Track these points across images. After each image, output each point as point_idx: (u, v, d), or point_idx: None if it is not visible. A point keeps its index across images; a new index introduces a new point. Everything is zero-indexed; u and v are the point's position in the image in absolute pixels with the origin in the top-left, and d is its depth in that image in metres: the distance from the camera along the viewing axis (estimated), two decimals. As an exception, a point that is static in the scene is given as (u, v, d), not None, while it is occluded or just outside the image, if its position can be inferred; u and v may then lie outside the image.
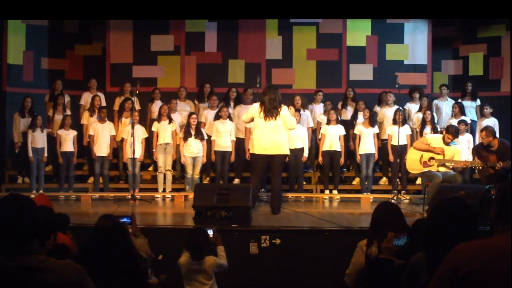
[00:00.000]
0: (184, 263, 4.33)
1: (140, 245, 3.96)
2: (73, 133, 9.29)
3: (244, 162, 9.14)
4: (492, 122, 9.27)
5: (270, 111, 6.99)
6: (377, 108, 9.80)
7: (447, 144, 7.43)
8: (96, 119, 9.33)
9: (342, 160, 9.07)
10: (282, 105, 7.15)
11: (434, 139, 7.61)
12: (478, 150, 7.63)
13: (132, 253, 3.04)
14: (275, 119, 7.00)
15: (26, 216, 2.20)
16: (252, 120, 7.25)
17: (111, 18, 10.26)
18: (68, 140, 9.18)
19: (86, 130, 9.48)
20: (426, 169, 7.44)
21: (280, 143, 7.09)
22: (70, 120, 9.31)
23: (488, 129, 7.56)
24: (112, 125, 9.35)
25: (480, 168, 7.46)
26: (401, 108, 9.12)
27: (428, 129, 9.06)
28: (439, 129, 9.06)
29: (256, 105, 7.18)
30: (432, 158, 7.43)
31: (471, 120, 9.56)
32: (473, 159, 7.52)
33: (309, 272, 5.87)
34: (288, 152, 7.38)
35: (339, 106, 9.92)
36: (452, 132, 7.45)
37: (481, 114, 9.62)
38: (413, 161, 7.57)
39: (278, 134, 7.06)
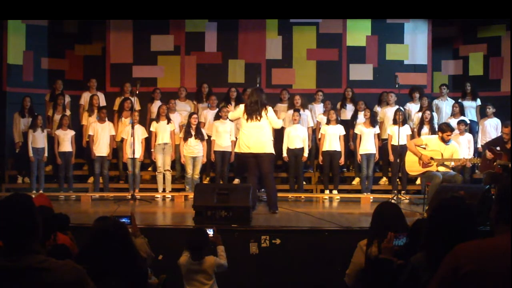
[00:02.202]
0: (184, 263, 4.33)
1: (140, 245, 3.95)
2: (71, 133, 9.29)
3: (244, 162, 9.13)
4: (494, 122, 9.25)
5: (251, 114, 7.16)
6: (377, 108, 9.80)
7: (446, 142, 7.40)
8: (96, 119, 9.33)
9: (342, 160, 9.06)
10: (267, 106, 7.26)
11: (430, 140, 7.58)
12: (490, 146, 7.56)
13: (132, 253, 3.03)
14: (259, 120, 7.15)
15: (26, 216, 2.20)
16: (237, 118, 7.61)
17: (111, 18, 10.26)
18: (66, 140, 9.18)
19: (86, 131, 9.49)
20: (425, 170, 7.42)
21: (264, 142, 7.18)
22: (68, 120, 9.31)
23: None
24: (111, 125, 9.35)
25: (480, 164, 7.42)
26: (401, 108, 9.12)
27: (426, 129, 9.06)
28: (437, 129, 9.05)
29: (242, 106, 7.35)
30: (431, 158, 7.41)
31: (470, 120, 9.53)
32: (483, 153, 7.47)
33: (309, 272, 5.87)
34: (271, 151, 7.34)
35: (338, 106, 9.91)
36: (448, 129, 7.41)
37: (484, 114, 9.59)
38: (412, 163, 7.53)
39: (262, 134, 7.18)
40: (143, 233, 4.36)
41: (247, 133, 7.20)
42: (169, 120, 9.11)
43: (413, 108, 9.82)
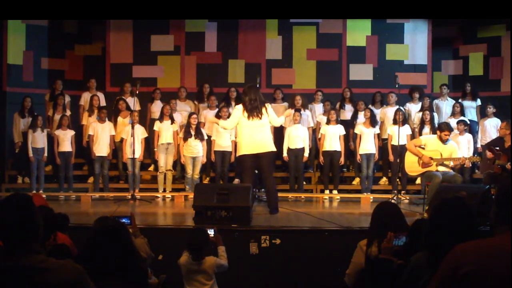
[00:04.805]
0: (184, 263, 4.33)
1: (139, 245, 3.96)
2: (70, 133, 9.29)
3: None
4: (494, 122, 9.24)
5: (252, 111, 6.99)
6: (371, 108, 9.74)
7: (444, 142, 7.40)
8: (96, 119, 9.34)
9: (342, 160, 9.06)
10: (267, 104, 7.19)
11: (429, 140, 7.57)
12: (490, 146, 7.56)
13: (132, 253, 3.03)
14: (260, 118, 6.99)
15: (26, 216, 2.20)
16: (237, 123, 7.16)
17: (111, 18, 10.27)
18: (65, 140, 9.19)
19: (86, 130, 9.49)
20: (425, 170, 7.41)
21: (266, 141, 7.07)
22: (68, 120, 9.31)
23: (509, 123, 7.48)
24: (111, 125, 9.35)
25: (480, 164, 7.41)
26: (401, 108, 9.12)
27: (427, 129, 9.05)
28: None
29: (240, 107, 7.15)
30: (430, 158, 7.39)
31: (470, 120, 9.51)
32: (483, 154, 7.46)
33: (309, 272, 5.87)
34: (274, 149, 7.28)
35: (337, 106, 9.90)
36: (446, 128, 7.41)
37: (484, 114, 9.59)
38: (412, 163, 7.52)
39: (265, 132, 7.07)
40: (143, 233, 4.36)
41: (251, 133, 6.97)
42: (172, 120, 9.12)
43: (413, 108, 9.82)
